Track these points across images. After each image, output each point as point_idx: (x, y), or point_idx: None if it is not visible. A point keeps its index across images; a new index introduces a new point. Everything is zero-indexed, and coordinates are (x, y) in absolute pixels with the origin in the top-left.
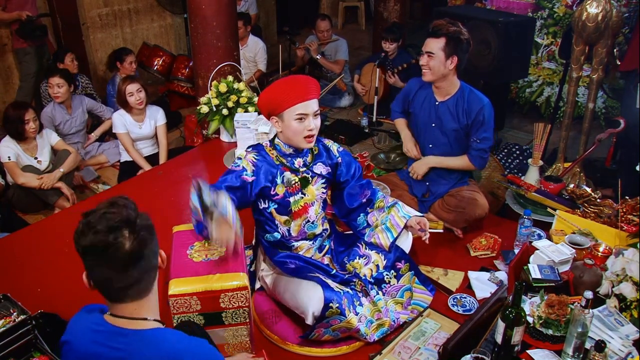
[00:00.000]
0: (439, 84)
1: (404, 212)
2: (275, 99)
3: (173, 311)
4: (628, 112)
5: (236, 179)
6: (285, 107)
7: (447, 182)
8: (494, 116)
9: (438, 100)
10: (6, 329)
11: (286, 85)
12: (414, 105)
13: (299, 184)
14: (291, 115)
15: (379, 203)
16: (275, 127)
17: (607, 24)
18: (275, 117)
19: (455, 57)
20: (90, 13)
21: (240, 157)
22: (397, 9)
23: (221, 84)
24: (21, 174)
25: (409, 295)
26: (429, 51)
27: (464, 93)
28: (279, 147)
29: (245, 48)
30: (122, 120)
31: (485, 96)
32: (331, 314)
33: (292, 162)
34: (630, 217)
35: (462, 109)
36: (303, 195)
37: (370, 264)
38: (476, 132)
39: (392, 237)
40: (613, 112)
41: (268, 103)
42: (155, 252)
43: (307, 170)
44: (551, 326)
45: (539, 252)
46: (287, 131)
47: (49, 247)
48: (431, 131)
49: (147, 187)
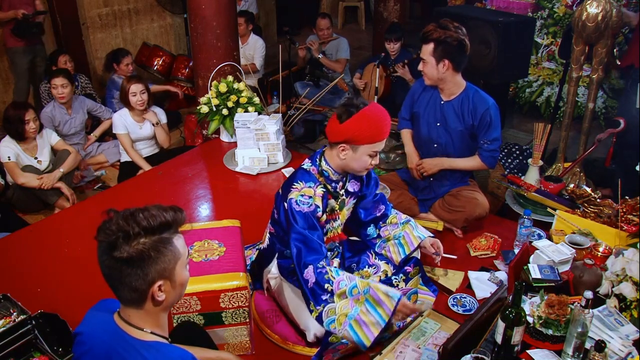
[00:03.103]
0: (441, 86)
1: (419, 232)
2: (359, 132)
3: (173, 311)
4: (626, 112)
5: (316, 221)
6: (365, 143)
7: (450, 183)
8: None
9: (443, 99)
10: (6, 329)
11: (372, 121)
12: (418, 105)
13: (338, 210)
14: (366, 151)
15: (392, 219)
16: (339, 154)
17: (607, 24)
18: (346, 147)
19: (447, 60)
20: (90, 13)
21: (310, 196)
22: (397, 9)
23: (221, 84)
24: (21, 174)
25: (415, 298)
26: (422, 57)
27: (469, 94)
28: (328, 173)
29: (246, 46)
30: (123, 120)
31: (490, 97)
32: (335, 340)
33: (335, 187)
34: (630, 217)
35: (467, 109)
36: (337, 220)
37: (379, 273)
38: (485, 134)
39: (404, 254)
40: (613, 112)
41: (350, 134)
42: (142, 277)
43: (344, 192)
44: (551, 326)
45: (539, 252)
46: (352, 162)
47: (49, 247)
48: (436, 130)
49: (147, 187)
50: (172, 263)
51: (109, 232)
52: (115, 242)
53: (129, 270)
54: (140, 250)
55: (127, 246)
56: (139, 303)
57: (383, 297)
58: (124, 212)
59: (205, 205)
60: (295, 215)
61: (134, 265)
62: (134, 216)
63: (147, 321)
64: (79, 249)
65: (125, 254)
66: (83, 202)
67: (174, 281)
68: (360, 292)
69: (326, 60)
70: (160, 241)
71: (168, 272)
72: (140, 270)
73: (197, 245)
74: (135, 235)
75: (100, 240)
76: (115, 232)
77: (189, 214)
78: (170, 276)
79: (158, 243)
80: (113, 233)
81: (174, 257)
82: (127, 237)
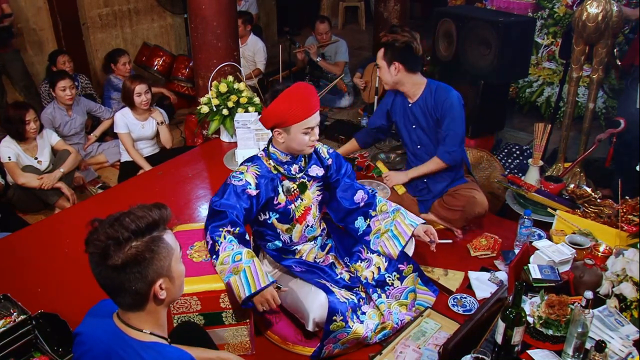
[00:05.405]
0: (401, 89)
1: (410, 219)
2: (283, 114)
3: (173, 311)
4: (626, 112)
5: (241, 194)
6: (294, 122)
7: (444, 180)
8: (495, 115)
9: (410, 102)
10: (6, 329)
11: (293, 100)
12: (394, 113)
13: (298, 190)
14: (299, 129)
15: (382, 207)
16: (277, 138)
17: (607, 24)
18: (279, 130)
19: (397, 62)
20: (91, 13)
21: (242, 172)
22: (397, 9)
23: (221, 84)
24: (21, 174)
25: (413, 296)
26: (377, 63)
27: (431, 89)
28: (276, 155)
29: (245, 47)
30: (124, 120)
31: (453, 89)
32: (336, 328)
33: (288, 169)
34: (630, 217)
35: (431, 105)
36: (302, 200)
37: (372, 267)
38: (442, 124)
39: (401, 246)
40: (613, 112)
41: (275, 118)
42: (141, 279)
43: (303, 175)
44: (551, 326)
45: (539, 252)
46: (291, 143)
47: (49, 247)
48: (415, 133)
49: (147, 187)
50: (168, 260)
51: (97, 242)
52: (107, 251)
53: (127, 276)
54: (134, 254)
55: (120, 252)
56: (141, 305)
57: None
58: (108, 219)
59: (206, 206)
60: (221, 187)
61: (131, 270)
62: (120, 221)
63: (148, 321)
64: (79, 249)
65: (120, 261)
66: (83, 202)
67: (172, 277)
68: (242, 261)
69: (324, 63)
70: (151, 241)
71: (165, 269)
72: (138, 273)
73: (197, 245)
74: (125, 240)
75: (92, 252)
76: (104, 241)
77: (189, 214)
78: (168, 273)
79: (150, 243)
80: (103, 242)
81: (168, 254)
82: (118, 244)
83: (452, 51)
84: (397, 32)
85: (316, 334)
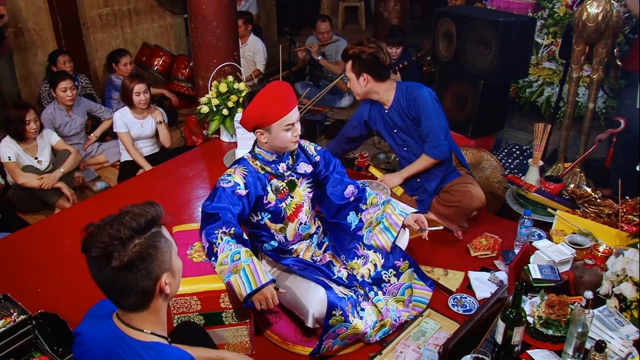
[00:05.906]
0: (374, 97)
1: (400, 209)
2: (261, 114)
3: (173, 311)
4: (626, 112)
5: (232, 195)
6: (273, 121)
7: (436, 176)
8: (495, 115)
9: (385, 108)
10: (6, 329)
11: (270, 99)
12: (373, 122)
13: (287, 188)
14: (280, 127)
15: (372, 199)
16: (260, 139)
17: (607, 24)
18: (261, 130)
19: (365, 74)
20: (91, 13)
21: (229, 174)
22: (397, 9)
23: (221, 84)
24: (21, 174)
25: (409, 292)
26: (346, 75)
27: (402, 91)
28: (261, 156)
29: (245, 47)
30: (123, 119)
31: (423, 86)
32: (335, 322)
33: (276, 168)
34: (630, 217)
35: (405, 107)
36: (292, 198)
37: (368, 264)
38: (421, 123)
39: (393, 237)
40: (613, 112)
41: (254, 119)
42: (147, 276)
43: (291, 173)
44: (551, 326)
45: (539, 252)
46: (274, 141)
47: (49, 247)
48: (398, 136)
49: (147, 187)
50: (169, 254)
51: (101, 244)
52: (112, 252)
53: (133, 274)
54: (139, 251)
55: (124, 252)
56: (145, 304)
57: (260, 271)
58: (104, 221)
59: None
60: (211, 191)
61: (137, 268)
62: (120, 221)
63: (149, 320)
64: (79, 249)
65: (126, 259)
66: (83, 202)
67: (173, 270)
68: (241, 260)
69: (325, 62)
70: (152, 237)
71: (167, 263)
72: (144, 270)
73: (197, 245)
74: (128, 239)
75: (96, 256)
76: (109, 242)
77: (189, 214)
78: (170, 267)
79: (152, 239)
80: (108, 244)
81: (169, 248)
82: (122, 244)
83: (452, 51)
84: (363, 44)
85: (316, 333)
